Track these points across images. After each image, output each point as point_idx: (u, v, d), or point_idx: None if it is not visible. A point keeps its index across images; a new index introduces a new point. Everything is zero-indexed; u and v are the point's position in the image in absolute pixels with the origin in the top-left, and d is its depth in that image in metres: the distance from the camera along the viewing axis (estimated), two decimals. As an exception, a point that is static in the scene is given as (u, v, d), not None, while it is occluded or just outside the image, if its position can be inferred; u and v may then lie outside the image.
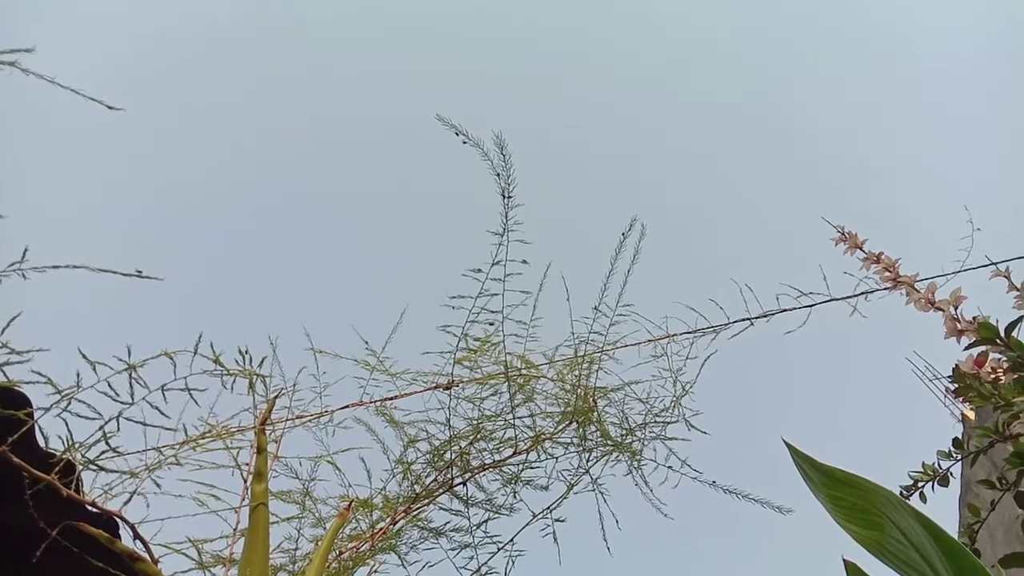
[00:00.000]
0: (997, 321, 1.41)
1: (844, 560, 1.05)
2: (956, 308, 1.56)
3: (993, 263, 1.89)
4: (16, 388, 1.12)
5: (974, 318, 1.50)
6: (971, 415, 4.45)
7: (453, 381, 2.24)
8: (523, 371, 2.27)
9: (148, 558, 1.13)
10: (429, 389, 2.30)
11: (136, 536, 1.16)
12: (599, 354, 2.28)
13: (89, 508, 1.17)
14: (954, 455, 1.55)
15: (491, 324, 2.06)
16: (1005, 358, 1.44)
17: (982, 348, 1.45)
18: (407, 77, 8.58)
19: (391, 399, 2.30)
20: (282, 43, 8.39)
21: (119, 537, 1.18)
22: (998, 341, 1.40)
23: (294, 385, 2.02)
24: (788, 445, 1.04)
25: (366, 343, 2.31)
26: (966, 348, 1.47)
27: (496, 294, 2.02)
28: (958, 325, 1.54)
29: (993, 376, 1.47)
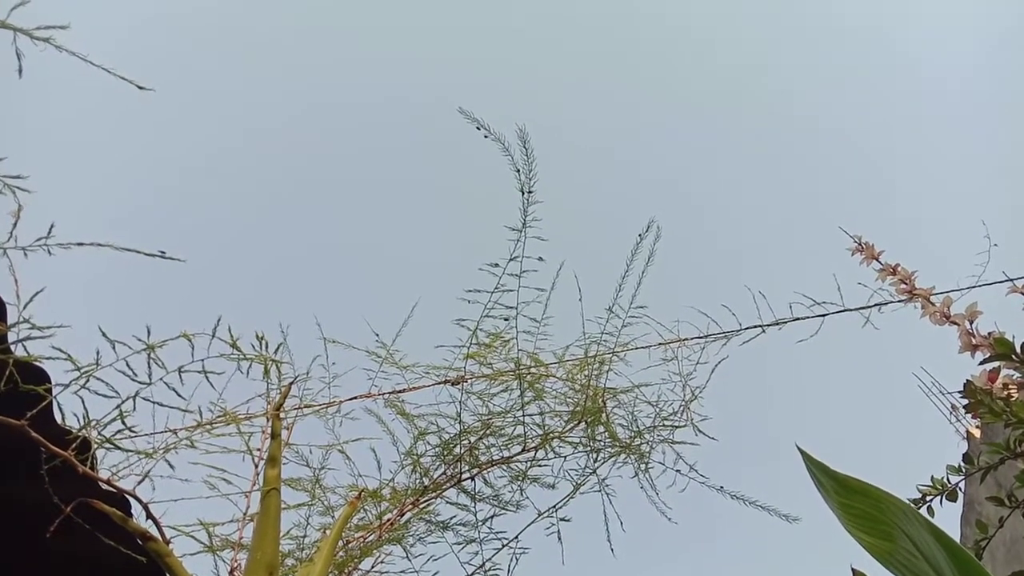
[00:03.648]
0: (1013, 337, 1.40)
1: (853, 569, 1.05)
2: (972, 323, 1.55)
3: (1010, 279, 1.88)
4: (36, 363, 1.13)
5: (990, 333, 1.50)
6: (976, 433, 4.43)
7: (463, 377, 2.25)
8: (533, 369, 2.27)
9: (160, 538, 1.14)
10: (438, 383, 2.31)
11: (149, 516, 1.17)
12: (610, 355, 2.29)
13: (103, 486, 1.18)
14: (964, 470, 1.54)
15: (505, 320, 2.06)
16: (1019, 375, 1.44)
17: (996, 364, 1.44)
18: (431, 69, 8.61)
19: (400, 392, 2.31)
20: (309, 27, 8.42)
21: (131, 516, 1.19)
22: (1013, 357, 1.39)
23: (307, 373, 2.03)
24: (802, 452, 1.04)
25: (376, 335, 2.32)
26: (981, 363, 1.46)
27: (511, 290, 2.02)
28: (973, 340, 1.54)
29: (1006, 393, 1.46)
